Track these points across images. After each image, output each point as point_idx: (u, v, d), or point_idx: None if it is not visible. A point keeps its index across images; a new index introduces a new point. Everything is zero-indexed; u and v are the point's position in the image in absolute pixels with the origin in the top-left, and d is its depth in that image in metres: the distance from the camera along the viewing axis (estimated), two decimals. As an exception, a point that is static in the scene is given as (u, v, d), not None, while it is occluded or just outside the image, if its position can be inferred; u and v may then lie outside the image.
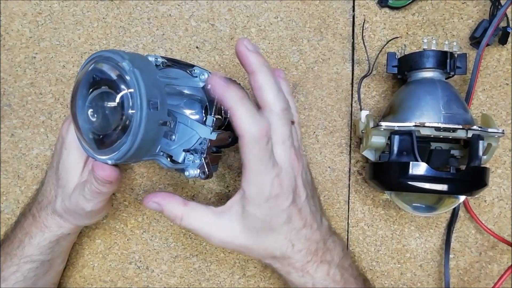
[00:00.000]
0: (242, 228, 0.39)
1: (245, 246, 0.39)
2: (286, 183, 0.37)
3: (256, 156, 0.36)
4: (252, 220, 0.38)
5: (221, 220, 0.39)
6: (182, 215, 0.39)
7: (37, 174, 0.52)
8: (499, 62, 0.53)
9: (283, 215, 0.38)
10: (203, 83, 0.38)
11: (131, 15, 0.52)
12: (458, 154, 0.46)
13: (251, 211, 0.38)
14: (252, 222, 0.38)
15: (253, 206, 0.37)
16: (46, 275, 0.46)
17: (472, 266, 0.52)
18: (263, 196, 0.37)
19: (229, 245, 0.40)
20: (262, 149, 0.36)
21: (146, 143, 0.34)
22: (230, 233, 0.39)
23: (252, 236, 0.39)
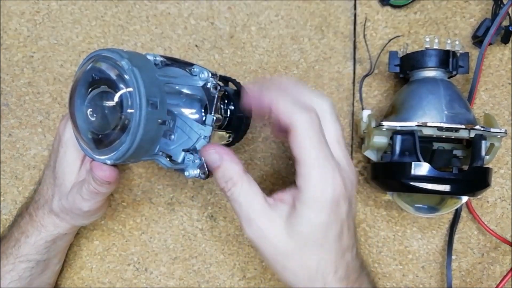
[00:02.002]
0: (287, 232, 0.33)
1: (282, 252, 0.33)
2: (348, 186, 0.33)
3: (314, 146, 0.32)
4: (304, 225, 0.32)
5: (271, 212, 0.33)
6: (237, 181, 0.34)
7: (35, 175, 0.51)
8: (501, 61, 0.52)
9: (337, 226, 0.33)
10: (202, 82, 0.37)
11: (130, 13, 0.52)
12: (461, 154, 0.46)
13: (305, 214, 0.32)
14: (303, 228, 0.32)
15: (310, 208, 0.32)
16: (42, 275, 0.45)
17: (475, 268, 0.52)
18: (324, 198, 0.32)
19: (264, 243, 0.33)
20: (319, 137, 0.32)
21: (146, 143, 0.33)
22: (274, 229, 0.33)
23: (296, 246, 0.33)
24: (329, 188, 0.32)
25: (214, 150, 0.34)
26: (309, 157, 0.32)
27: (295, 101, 0.33)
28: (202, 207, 0.52)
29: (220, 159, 0.34)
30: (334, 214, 0.32)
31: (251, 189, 0.34)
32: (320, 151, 0.32)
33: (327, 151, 0.32)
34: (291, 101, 0.32)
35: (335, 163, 0.33)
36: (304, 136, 0.32)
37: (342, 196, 0.32)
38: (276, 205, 0.34)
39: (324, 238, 0.33)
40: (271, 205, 0.34)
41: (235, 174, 0.34)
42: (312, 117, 0.32)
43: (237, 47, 0.52)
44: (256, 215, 0.33)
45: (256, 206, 0.33)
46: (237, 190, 0.34)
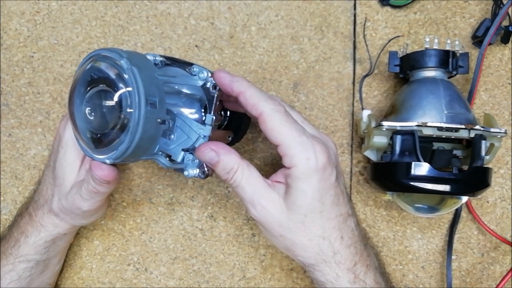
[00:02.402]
0: (287, 208, 0.35)
1: (286, 227, 0.36)
2: (328, 153, 0.35)
3: (283, 124, 0.34)
4: (300, 198, 0.35)
5: (271, 191, 0.36)
6: (237, 168, 0.36)
7: (35, 175, 0.51)
8: (501, 61, 0.52)
9: (331, 192, 0.35)
10: (202, 82, 0.37)
11: (130, 13, 0.52)
12: (461, 154, 0.46)
13: (298, 187, 0.35)
14: (300, 200, 0.35)
15: (301, 181, 0.34)
16: (42, 275, 0.45)
17: (475, 268, 0.52)
18: (310, 167, 0.34)
19: (268, 220, 0.36)
20: (285, 116, 0.34)
21: (145, 142, 0.33)
22: (275, 206, 0.36)
23: (298, 219, 0.35)
24: (311, 158, 0.34)
25: (209, 148, 0.36)
26: (285, 136, 0.34)
27: (260, 91, 0.36)
28: (202, 207, 0.52)
29: (217, 155, 0.36)
30: (324, 180, 0.35)
31: (251, 173, 0.36)
32: (292, 129, 0.35)
33: (299, 127, 0.35)
34: (257, 91, 0.35)
35: (311, 136, 0.35)
36: (273, 120, 0.34)
37: (327, 162, 0.35)
38: (274, 186, 0.37)
39: (322, 204, 0.35)
40: (269, 185, 0.37)
41: (234, 163, 0.36)
42: (276, 104, 0.35)
43: (237, 47, 0.52)
44: (259, 196, 0.36)
45: (258, 187, 0.36)
46: (239, 176, 0.36)
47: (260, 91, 0.36)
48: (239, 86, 0.35)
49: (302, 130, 0.35)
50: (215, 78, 0.36)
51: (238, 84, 0.35)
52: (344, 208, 0.36)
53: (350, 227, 0.37)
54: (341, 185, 0.37)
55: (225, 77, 0.36)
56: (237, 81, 0.35)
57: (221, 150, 0.36)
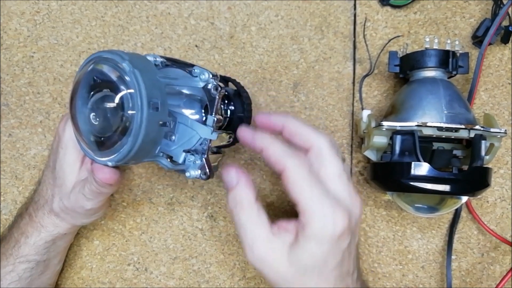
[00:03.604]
0: (288, 260, 0.34)
1: (283, 278, 0.35)
2: (351, 220, 0.34)
3: (305, 184, 0.33)
4: (305, 257, 0.34)
5: (274, 240, 0.35)
6: (247, 207, 0.35)
7: (35, 175, 0.51)
8: (501, 61, 0.52)
9: (338, 257, 0.34)
10: (203, 83, 0.37)
11: (130, 13, 0.52)
12: (461, 154, 0.46)
13: (308, 247, 0.33)
14: (304, 259, 0.34)
15: (312, 243, 0.33)
16: (42, 276, 0.45)
17: (474, 267, 0.52)
18: (326, 234, 0.33)
19: (265, 268, 0.35)
20: (308, 175, 0.33)
21: (147, 144, 0.33)
22: (276, 256, 0.34)
23: (296, 274, 0.34)
24: (329, 224, 0.33)
25: (235, 170, 0.36)
26: (305, 197, 0.33)
27: (284, 147, 0.34)
28: (202, 207, 0.52)
29: (236, 181, 0.36)
30: (335, 246, 0.33)
31: (259, 218, 0.35)
32: (314, 190, 0.33)
33: (321, 188, 0.33)
34: (280, 147, 0.34)
35: (333, 199, 0.33)
36: (295, 179, 0.33)
37: (345, 230, 0.33)
38: (279, 234, 0.35)
39: (324, 266, 0.34)
40: (274, 233, 0.35)
41: (246, 200, 0.35)
42: (300, 160, 0.34)
43: (237, 47, 0.52)
44: (260, 243, 0.35)
45: (261, 234, 0.35)
46: (245, 217, 0.35)
47: (284, 146, 0.34)
48: (261, 142, 0.35)
49: (324, 191, 0.33)
50: (238, 135, 0.36)
51: (260, 141, 0.35)
52: (346, 268, 0.35)
53: (346, 284, 0.36)
54: (351, 247, 0.35)
55: (247, 135, 0.36)
56: (259, 138, 0.35)
57: (242, 180, 0.36)
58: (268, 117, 0.37)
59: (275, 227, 0.35)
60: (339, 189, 0.35)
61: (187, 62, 0.39)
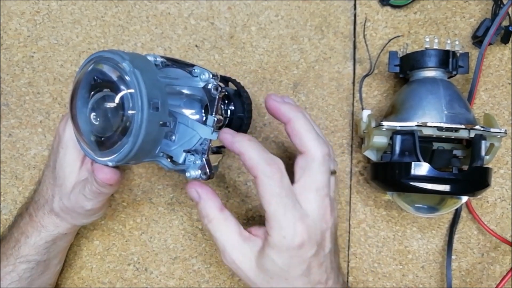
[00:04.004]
0: (256, 265, 0.36)
1: (253, 282, 0.37)
2: (312, 233, 0.35)
3: (273, 195, 0.34)
4: (269, 263, 0.36)
5: (244, 246, 0.37)
6: (213, 219, 0.37)
7: (35, 175, 0.51)
8: (501, 61, 0.52)
9: (302, 266, 0.35)
10: (204, 83, 0.37)
11: (130, 13, 0.52)
12: (461, 154, 0.46)
13: (270, 255, 0.35)
14: (268, 266, 0.36)
15: (273, 251, 0.35)
16: (42, 276, 0.45)
17: (474, 267, 0.52)
18: (284, 244, 0.35)
19: (238, 271, 0.37)
20: (277, 187, 0.34)
21: (147, 145, 0.33)
22: (245, 262, 0.37)
23: (264, 278, 0.36)
24: (288, 237, 0.34)
25: (194, 189, 0.38)
26: (270, 207, 0.34)
27: (260, 154, 0.35)
28: (202, 207, 0.51)
29: (198, 197, 0.38)
30: (297, 256, 0.35)
31: (227, 226, 0.38)
32: (279, 202, 0.34)
33: (287, 200, 0.35)
34: (255, 154, 0.35)
35: (297, 212, 0.35)
36: (264, 188, 0.34)
37: (304, 242, 0.35)
38: (250, 239, 0.37)
39: (288, 274, 0.36)
40: (245, 239, 0.37)
41: (211, 212, 0.38)
42: (272, 170, 0.35)
43: (237, 47, 0.52)
44: (230, 249, 0.37)
45: (230, 241, 0.37)
46: (213, 228, 0.38)
47: (260, 153, 0.35)
48: (239, 146, 0.35)
49: (291, 203, 0.35)
50: (219, 137, 0.37)
51: (239, 144, 0.35)
52: (316, 277, 0.36)
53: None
54: (319, 258, 0.36)
55: (227, 137, 0.36)
56: (237, 141, 0.35)
57: (204, 195, 0.38)
58: (278, 106, 0.37)
59: (246, 233, 0.38)
60: (311, 202, 0.36)
61: (188, 62, 0.39)
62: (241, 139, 0.36)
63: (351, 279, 0.52)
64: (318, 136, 0.37)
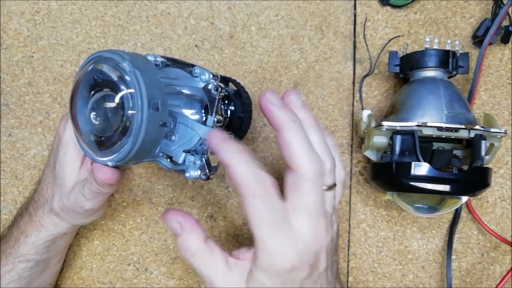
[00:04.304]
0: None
1: None
2: (304, 256, 0.33)
3: (261, 218, 0.31)
4: (259, 286, 0.33)
5: (231, 274, 0.34)
6: (196, 252, 0.35)
7: (35, 175, 0.51)
8: (501, 61, 0.52)
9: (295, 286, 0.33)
10: (203, 83, 0.37)
11: (130, 13, 0.52)
12: (461, 154, 0.46)
13: (259, 278, 0.33)
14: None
15: (262, 274, 0.33)
16: (41, 275, 0.45)
17: (474, 267, 0.52)
18: (274, 268, 0.32)
19: None
20: (266, 209, 0.31)
21: (147, 145, 0.33)
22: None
23: None
24: (278, 262, 0.32)
25: (176, 219, 0.35)
26: (257, 231, 0.32)
27: (250, 170, 0.32)
28: (202, 207, 0.52)
29: (180, 229, 0.35)
30: (288, 279, 0.32)
31: (211, 257, 0.34)
32: (267, 227, 0.32)
33: (276, 224, 0.32)
34: (246, 169, 0.32)
35: (288, 236, 0.32)
36: (251, 209, 0.32)
37: (295, 266, 0.32)
38: (237, 265, 0.34)
39: None
40: (232, 266, 0.34)
41: (193, 245, 0.34)
42: (260, 190, 0.32)
43: (237, 47, 0.52)
44: (218, 281, 0.34)
45: (218, 272, 0.34)
46: (196, 261, 0.34)
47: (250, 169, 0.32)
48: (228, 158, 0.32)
49: (280, 225, 0.32)
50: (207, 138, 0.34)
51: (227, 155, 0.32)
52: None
53: None
54: (313, 279, 0.34)
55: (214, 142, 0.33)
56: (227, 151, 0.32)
57: (185, 226, 0.35)
58: (271, 109, 0.33)
59: (231, 259, 0.35)
60: (303, 224, 0.33)
61: (188, 62, 0.39)
62: (231, 149, 0.32)
63: (351, 279, 0.52)
64: (310, 151, 0.33)
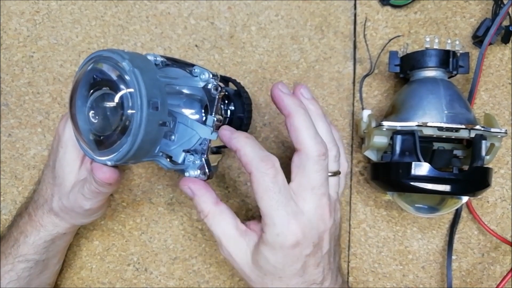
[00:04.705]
0: (252, 260, 0.37)
1: (248, 276, 0.37)
2: (308, 233, 0.35)
3: (266, 191, 0.34)
4: (263, 260, 0.36)
5: (240, 239, 0.37)
6: (208, 213, 0.38)
7: (35, 175, 0.51)
8: (501, 61, 0.52)
9: (297, 265, 0.35)
10: (203, 83, 0.37)
11: (130, 13, 0.52)
12: (461, 154, 0.46)
13: (263, 252, 0.35)
14: (262, 262, 0.36)
15: (266, 248, 0.35)
16: (41, 275, 0.45)
17: (475, 268, 0.52)
18: (278, 242, 0.34)
19: (234, 264, 0.38)
20: (271, 183, 0.34)
21: (146, 144, 0.33)
22: (240, 256, 0.37)
23: (258, 274, 0.37)
24: (281, 235, 0.34)
25: (187, 186, 0.38)
26: (264, 205, 0.34)
27: (255, 151, 0.35)
28: (202, 207, 0.51)
29: (192, 194, 0.38)
30: (291, 255, 0.35)
31: (223, 219, 0.38)
32: (273, 200, 0.34)
33: (280, 198, 0.34)
34: (251, 151, 0.35)
35: (292, 210, 0.35)
36: (258, 184, 0.34)
37: (298, 242, 0.34)
38: (246, 233, 0.37)
39: (282, 272, 0.36)
40: (242, 232, 0.37)
41: (205, 206, 0.38)
42: (266, 167, 0.34)
43: (237, 47, 0.52)
44: (226, 242, 0.37)
45: (227, 233, 0.37)
46: (209, 221, 0.38)
47: (256, 151, 0.35)
48: (236, 143, 0.35)
49: (285, 202, 0.34)
50: (219, 134, 0.37)
51: (236, 141, 0.36)
52: (312, 277, 0.36)
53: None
54: (317, 257, 0.36)
55: (225, 134, 0.36)
56: (235, 137, 0.36)
57: (198, 191, 0.38)
58: (282, 97, 0.37)
59: (243, 226, 0.38)
60: (307, 201, 0.35)
61: (188, 61, 0.39)
62: (238, 136, 0.36)
63: (351, 279, 0.52)
64: (316, 134, 0.36)
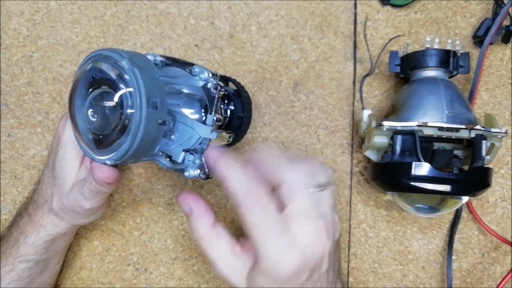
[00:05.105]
0: (247, 283, 0.35)
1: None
2: (305, 262, 0.32)
3: (259, 226, 0.32)
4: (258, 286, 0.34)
5: (235, 262, 0.35)
6: (204, 236, 0.36)
7: (34, 175, 0.51)
8: (502, 61, 0.52)
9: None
10: (203, 82, 0.37)
11: (129, 13, 0.52)
12: (461, 154, 0.46)
13: (259, 281, 0.33)
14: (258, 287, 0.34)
15: (262, 277, 0.33)
16: (41, 275, 0.45)
17: (475, 268, 0.52)
18: (273, 273, 0.32)
19: (229, 284, 0.36)
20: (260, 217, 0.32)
21: (146, 143, 0.33)
22: (235, 278, 0.35)
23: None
24: (278, 266, 0.32)
25: (188, 204, 0.36)
26: (256, 239, 0.32)
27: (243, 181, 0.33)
28: (202, 207, 0.51)
29: (189, 212, 0.36)
30: (288, 284, 0.33)
31: (218, 242, 0.36)
32: (264, 233, 0.32)
33: (273, 231, 0.32)
34: (238, 178, 0.33)
35: (287, 242, 0.32)
36: (247, 216, 0.32)
37: (295, 272, 0.32)
38: (241, 255, 0.35)
39: None
40: (237, 255, 0.35)
41: (202, 228, 0.36)
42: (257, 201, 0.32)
43: (237, 47, 0.52)
44: (221, 264, 0.35)
45: (222, 256, 0.36)
46: (204, 243, 0.36)
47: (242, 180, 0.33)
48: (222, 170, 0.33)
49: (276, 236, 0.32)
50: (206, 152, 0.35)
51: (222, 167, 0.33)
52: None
53: None
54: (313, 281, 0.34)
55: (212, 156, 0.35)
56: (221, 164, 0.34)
57: (197, 212, 0.36)
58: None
59: (237, 247, 0.36)
60: (302, 228, 0.33)
61: (187, 61, 0.39)
62: (226, 161, 0.34)
63: (351, 279, 0.51)
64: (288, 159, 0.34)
